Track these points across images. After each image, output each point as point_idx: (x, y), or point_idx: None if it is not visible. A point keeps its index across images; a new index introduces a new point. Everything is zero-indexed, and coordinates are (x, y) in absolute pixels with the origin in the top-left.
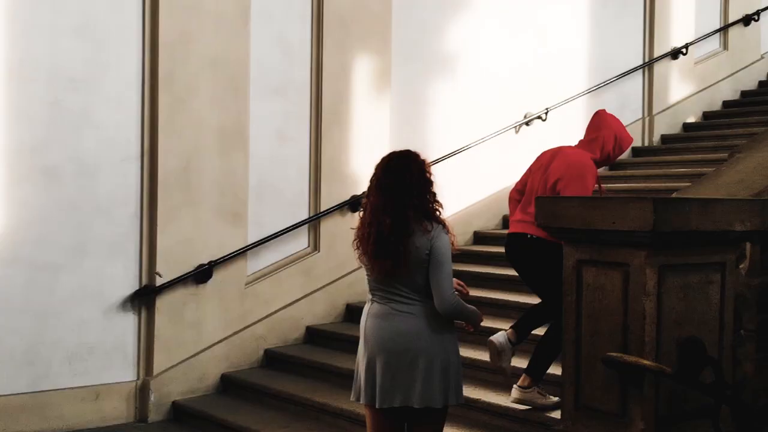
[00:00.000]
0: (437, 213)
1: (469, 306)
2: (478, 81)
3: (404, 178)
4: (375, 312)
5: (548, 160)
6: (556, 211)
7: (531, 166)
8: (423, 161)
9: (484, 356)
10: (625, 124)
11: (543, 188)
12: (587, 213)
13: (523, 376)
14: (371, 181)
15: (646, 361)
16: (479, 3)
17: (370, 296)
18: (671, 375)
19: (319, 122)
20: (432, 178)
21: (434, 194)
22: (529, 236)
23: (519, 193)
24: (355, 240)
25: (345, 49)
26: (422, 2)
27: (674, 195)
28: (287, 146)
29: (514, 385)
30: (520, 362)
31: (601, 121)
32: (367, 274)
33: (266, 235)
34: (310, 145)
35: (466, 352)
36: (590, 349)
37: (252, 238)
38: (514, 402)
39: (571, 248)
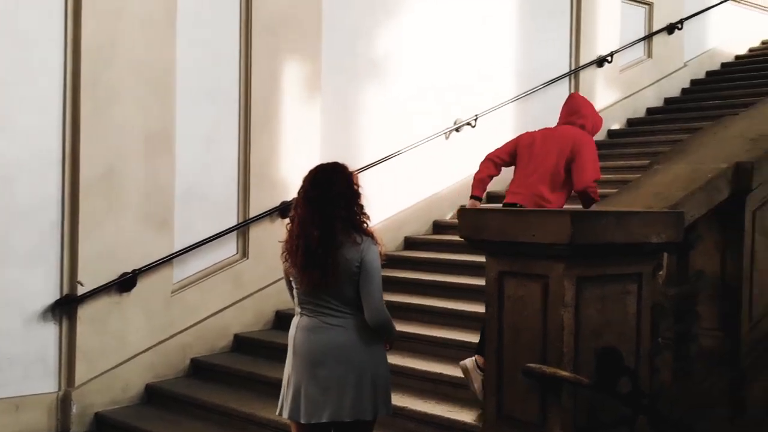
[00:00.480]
0: (365, 225)
1: (394, 325)
2: (410, 87)
3: (331, 190)
4: (304, 325)
5: (545, 137)
6: (479, 224)
7: (519, 145)
8: (350, 173)
9: (411, 363)
10: None
11: (559, 156)
12: (508, 226)
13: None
14: (299, 193)
15: (564, 372)
16: (411, 9)
17: (299, 309)
18: (588, 385)
19: (248, 127)
20: (360, 190)
21: (362, 206)
22: (518, 206)
23: (501, 160)
24: (283, 253)
25: (275, 55)
26: (353, 8)
27: (594, 206)
28: (216, 152)
29: (476, 355)
30: None
31: (578, 104)
32: (296, 287)
33: (193, 242)
34: (239, 151)
35: (393, 359)
36: (511, 360)
37: (179, 246)
38: (461, 365)
39: (493, 260)
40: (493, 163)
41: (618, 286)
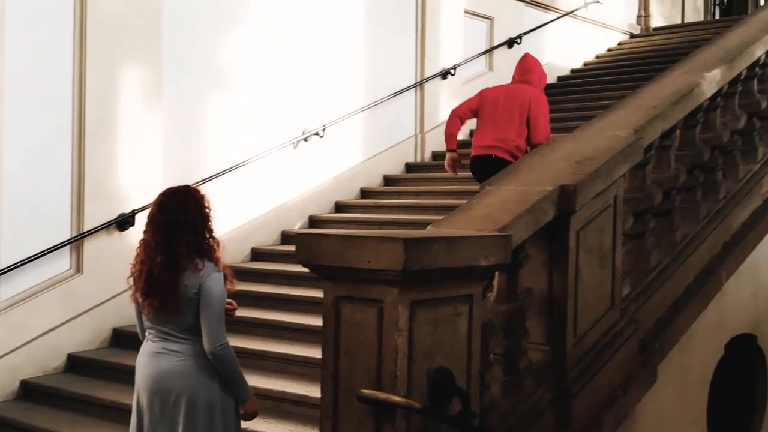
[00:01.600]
0: (213, 250)
1: (239, 369)
2: (257, 95)
3: (178, 215)
4: (147, 351)
5: (507, 94)
6: (315, 248)
7: (484, 99)
8: (201, 197)
9: (254, 381)
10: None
11: (519, 117)
12: (344, 251)
13: None
14: (147, 217)
15: (396, 398)
16: (257, 17)
17: (146, 334)
18: (420, 410)
19: (83, 136)
20: (210, 213)
21: (211, 230)
22: (494, 156)
23: (466, 115)
24: (129, 277)
25: (111, 62)
26: (196, 14)
27: (429, 227)
28: (47, 161)
29: None
30: None
31: (530, 64)
32: (143, 313)
33: (22, 258)
34: (73, 161)
35: (251, 380)
36: (347, 384)
37: (5, 262)
38: None
39: (331, 285)
40: (459, 118)
41: (450, 308)
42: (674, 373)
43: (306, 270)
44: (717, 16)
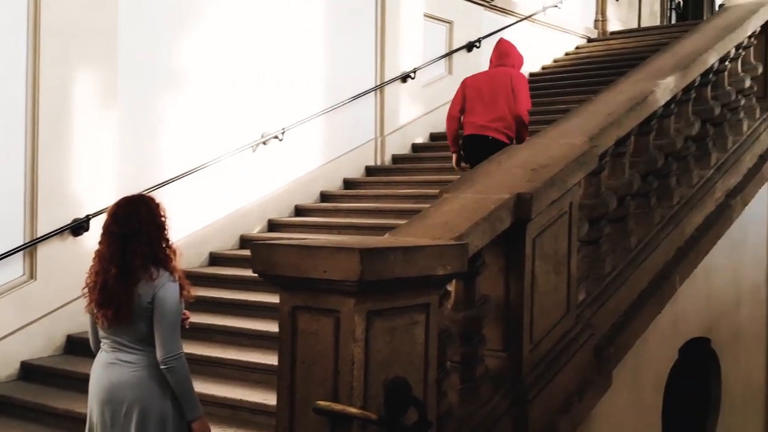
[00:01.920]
0: (169, 260)
1: (192, 386)
2: (215, 98)
3: (133, 226)
4: (101, 361)
5: (489, 78)
6: (271, 258)
7: (467, 87)
8: (156, 206)
9: (212, 389)
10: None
11: (505, 92)
12: (300, 261)
13: None
14: (102, 228)
15: (352, 409)
16: (213, 19)
17: (102, 345)
18: (375, 421)
19: (36, 140)
20: (166, 222)
21: (167, 240)
22: (490, 138)
23: (458, 112)
24: (84, 288)
25: (66, 64)
26: (151, 16)
27: (386, 235)
28: None
29: None
30: None
31: (506, 49)
32: (98, 324)
33: None
34: (26, 165)
35: (195, 386)
36: (303, 395)
37: None
38: None
39: (287, 294)
40: (455, 119)
41: (406, 318)
42: (629, 377)
43: None
44: (673, 21)
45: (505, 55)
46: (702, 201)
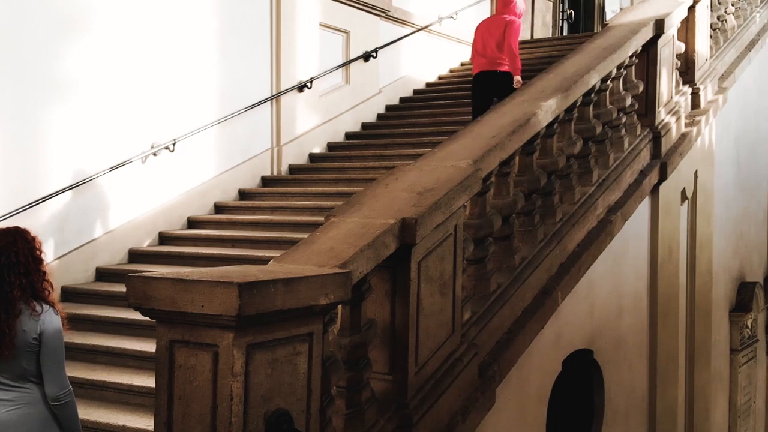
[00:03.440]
0: (47, 293)
1: (79, 421)
2: (103, 109)
3: (9, 257)
4: None
5: (490, 23)
6: (147, 292)
7: (476, 31)
8: (32, 238)
9: (94, 415)
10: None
11: (499, 35)
12: (177, 295)
13: None
14: None
15: None
16: (102, 28)
17: None
18: None
19: None
20: (42, 255)
21: (44, 273)
22: (497, 72)
23: (474, 50)
24: None
25: None
26: (33, 23)
27: (271, 262)
28: None
29: None
30: None
31: (507, 0)
32: None
33: None
34: None
35: (91, 414)
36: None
37: None
38: None
39: (164, 328)
40: (476, 53)
41: (289, 348)
42: (513, 392)
43: None
44: (565, 32)
45: (507, 4)
46: (584, 217)
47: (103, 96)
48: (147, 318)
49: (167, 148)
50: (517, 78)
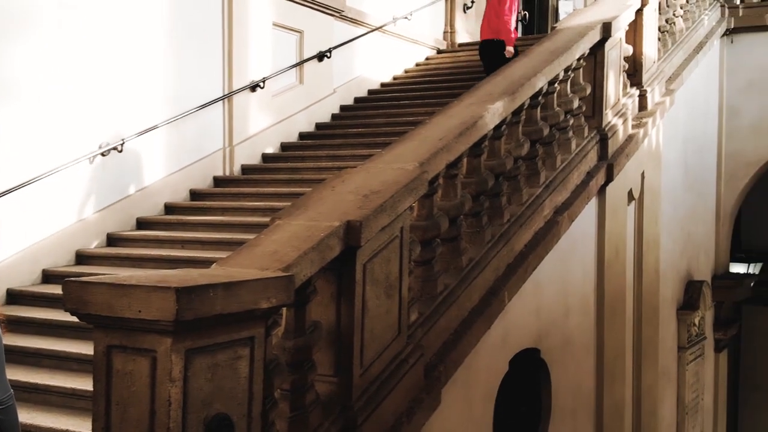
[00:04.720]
0: None
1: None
2: (49, 109)
3: None
4: None
5: None
6: (83, 297)
7: (486, 4)
8: None
9: (38, 420)
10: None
11: (499, 8)
12: (114, 301)
13: None
14: None
15: None
16: (49, 27)
17: None
18: None
19: None
20: None
21: None
22: (494, 40)
23: (486, 16)
24: None
25: None
26: None
27: (214, 266)
28: None
29: None
30: None
31: None
32: None
33: None
34: None
35: (20, 416)
36: None
37: None
38: None
39: (101, 333)
40: (483, 23)
41: (230, 352)
42: (459, 393)
43: None
44: (520, 33)
45: None
46: (531, 218)
47: (49, 96)
48: None
49: (115, 148)
50: (509, 48)
